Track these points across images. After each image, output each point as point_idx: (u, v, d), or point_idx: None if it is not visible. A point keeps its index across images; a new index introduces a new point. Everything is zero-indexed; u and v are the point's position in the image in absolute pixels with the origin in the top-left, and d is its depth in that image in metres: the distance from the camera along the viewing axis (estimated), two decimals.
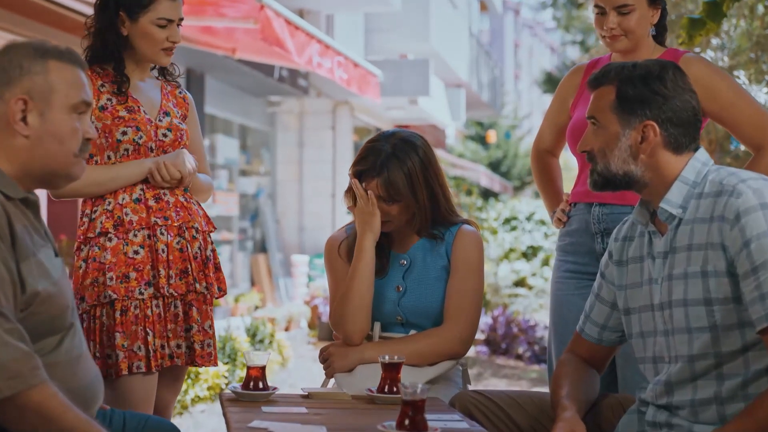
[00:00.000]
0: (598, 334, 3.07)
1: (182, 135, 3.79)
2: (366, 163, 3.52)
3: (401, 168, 3.49)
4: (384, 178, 3.47)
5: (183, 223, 3.71)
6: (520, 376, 10.31)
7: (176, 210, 3.71)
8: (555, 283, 3.90)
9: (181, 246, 3.70)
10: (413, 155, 3.52)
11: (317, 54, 9.85)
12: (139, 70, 3.78)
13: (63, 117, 2.57)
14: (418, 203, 3.50)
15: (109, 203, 3.65)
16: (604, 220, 3.73)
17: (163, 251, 3.65)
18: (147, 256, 3.64)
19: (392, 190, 3.47)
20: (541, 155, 4.14)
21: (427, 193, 3.52)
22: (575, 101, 3.90)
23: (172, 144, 3.75)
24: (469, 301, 3.51)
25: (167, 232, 3.68)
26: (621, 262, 2.97)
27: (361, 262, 3.48)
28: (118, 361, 3.55)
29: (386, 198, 3.48)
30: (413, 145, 3.55)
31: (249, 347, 8.63)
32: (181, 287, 3.68)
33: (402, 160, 3.50)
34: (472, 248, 3.55)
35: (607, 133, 2.82)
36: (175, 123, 3.78)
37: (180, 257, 3.69)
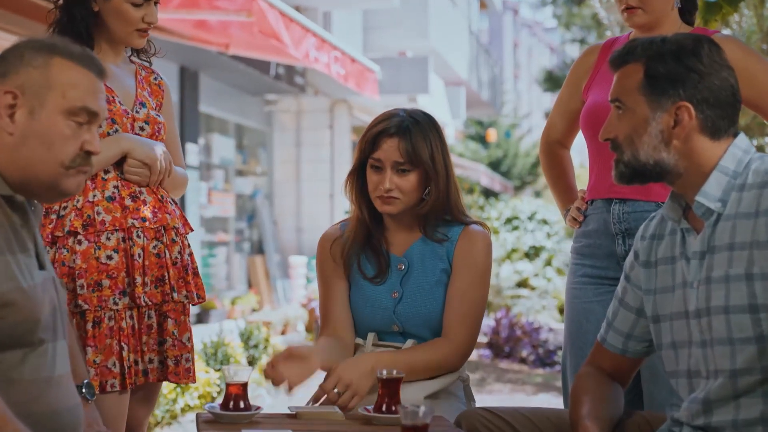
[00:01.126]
0: (623, 344, 2.73)
1: (160, 128, 3.45)
2: (385, 123, 3.17)
3: (423, 137, 3.15)
4: (406, 139, 3.13)
5: (162, 225, 3.36)
6: (524, 381, 9.99)
7: (154, 210, 3.36)
8: (571, 290, 3.55)
9: (158, 251, 3.35)
10: (434, 131, 3.20)
11: (313, 48, 9.53)
12: (112, 52, 3.43)
13: (55, 119, 2.30)
14: (437, 178, 3.16)
15: (78, 200, 3.29)
16: (626, 220, 3.38)
17: (140, 256, 3.30)
18: (122, 261, 3.29)
19: (413, 154, 3.12)
20: (551, 147, 3.77)
21: (445, 174, 3.19)
22: (589, 83, 3.56)
23: (149, 138, 3.40)
24: (470, 311, 3.17)
25: (144, 234, 3.33)
26: (649, 264, 2.63)
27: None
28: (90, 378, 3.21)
29: (405, 161, 3.12)
30: (434, 121, 3.23)
31: (243, 352, 8.30)
32: (157, 296, 3.33)
33: (424, 130, 3.17)
34: (479, 250, 3.20)
35: (634, 118, 2.49)
36: (153, 115, 3.43)
37: (156, 263, 3.35)
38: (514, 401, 8.70)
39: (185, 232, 3.47)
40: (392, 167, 3.14)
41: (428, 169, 3.15)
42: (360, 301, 3.26)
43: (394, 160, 3.14)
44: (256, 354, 8.60)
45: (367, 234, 3.26)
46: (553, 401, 8.75)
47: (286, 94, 16.17)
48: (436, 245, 3.22)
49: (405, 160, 3.13)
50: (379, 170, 3.17)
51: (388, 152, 3.14)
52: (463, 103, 23.81)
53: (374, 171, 3.19)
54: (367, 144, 3.19)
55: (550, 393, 9.23)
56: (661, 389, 3.22)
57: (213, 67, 13.15)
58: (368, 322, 3.24)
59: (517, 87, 53.63)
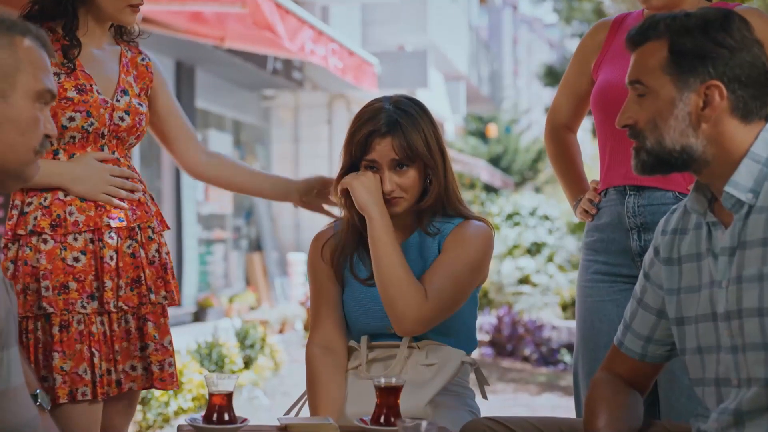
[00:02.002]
0: (642, 349, 2.50)
1: (141, 120, 3.18)
2: (374, 123, 2.93)
3: (416, 128, 2.92)
4: (399, 135, 2.90)
5: (138, 223, 3.13)
6: (527, 380, 9.77)
7: (132, 208, 3.13)
8: (583, 288, 3.31)
9: (132, 250, 3.11)
10: (424, 117, 2.97)
11: (310, 40, 9.29)
12: (98, 31, 3.17)
13: (26, 103, 2.14)
14: (436, 168, 2.93)
15: (46, 198, 3.03)
16: (641, 213, 3.15)
17: (111, 258, 3.05)
18: (89, 264, 3.04)
19: (409, 150, 2.90)
20: (556, 132, 3.50)
21: (442, 161, 2.97)
22: (599, 61, 3.31)
23: (128, 130, 3.15)
24: (443, 272, 2.89)
25: (117, 235, 3.09)
26: (671, 261, 2.40)
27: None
28: (56, 386, 2.95)
29: (401, 159, 2.90)
30: (421, 106, 3.01)
31: (239, 352, 8.07)
32: (133, 299, 3.09)
33: (414, 120, 2.94)
34: (470, 237, 2.94)
35: (658, 100, 2.26)
36: (135, 104, 3.17)
37: (132, 264, 3.11)
38: (518, 401, 8.48)
39: (161, 229, 3.24)
40: (389, 167, 2.92)
41: (426, 160, 2.93)
42: (353, 304, 3.03)
43: (390, 159, 2.92)
44: (252, 354, 8.37)
45: (359, 234, 3.03)
46: (557, 401, 8.54)
47: (283, 90, 16.08)
48: (429, 239, 2.99)
49: (402, 156, 2.91)
50: (375, 170, 2.95)
51: (383, 152, 2.92)
52: (463, 97, 23.63)
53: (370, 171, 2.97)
54: (358, 147, 2.96)
55: (555, 393, 9.01)
56: (679, 396, 3.00)
57: (209, 62, 13.05)
58: (362, 324, 3.02)
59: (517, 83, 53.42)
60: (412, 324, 2.85)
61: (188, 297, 12.90)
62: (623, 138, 3.06)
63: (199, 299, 13.00)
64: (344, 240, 3.04)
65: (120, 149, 3.17)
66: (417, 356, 2.94)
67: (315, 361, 2.99)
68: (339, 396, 2.93)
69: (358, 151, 2.95)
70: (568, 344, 11.04)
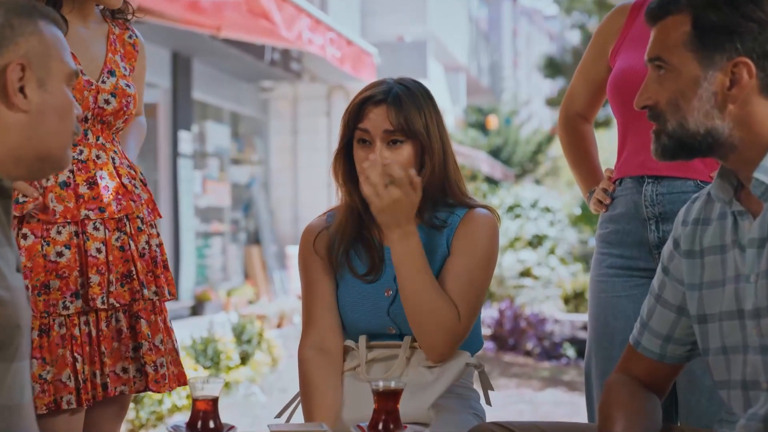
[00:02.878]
0: (660, 348, 2.32)
1: (128, 103, 3.00)
2: (372, 90, 2.76)
3: (416, 105, 2.74)
4: (397, 106, 2.72)
5: (125, 214, 2.93)
6: (530, 375, 9.60)
7: (117, 198, 2.92)
8: (596, 283, 3.12)
9: (122, 243, 2.92)
10: (428, 100, 2.79)
11: (307, 29, 9.12)
12: (82, 9, 2.99)
13: (61, 89, 2.09)
14: (432, 152, 2.74)
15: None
16: (660, 202, 2.97)
17: (99, 251, 2.86)
18: (74, 259, 2.84)
19: (405, 123, 2.71)
20: (571, 121, 3.32)
21: (441, 149, 2.78)
22: (617, 47, 3.13)
23: (114, 113, 2.96)
24: (469, 290, 2.71)
25: (103, 226, 2.89)
26: (692, 253, 2.22)
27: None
28: (34, 396, 2.75)
29: (396, 130, 2.70)
30: (427, 90, 2.83)
31: (235, 348, 7.90)
32: (125, 296, 2.90)
33: (416, 98, 2.75)
34: (481, 234, 2.76)
35: (680, 79, 2.08)
36: (122, 86, 2.99)
37: (121, 257, 2.91)
38: (521, 397, 8.32)
39: (152, 219, 3.05)
40: (382, 139, 2.73)
41: (423, 141, 2.73)
42: (349, 302, 2.83)
43: (383, 129, 2.72)
44: (249, 350, 8.18)
45: (358, 224, 2.84)
46: (561, 396, 8.38)
47: (282, 81, 15.94)
48: (435, 233, 2.79)
49: (396, 128, 2.72)
50: (367, 144, 2.75)
51: (377, 121, 2.73)
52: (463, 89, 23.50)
53: (361, 146, 2.76)
54: (352, 115, 2.77)
55: (558, 388, 8.84)
56: (699, 397, 2.83)
57: (206, 53, 12.90)
58: (360, 325, 2.81)
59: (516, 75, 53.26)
60: (447, 349, 2.70)
61: (186, 291, 12.76)
62: (641, 125, 2.88)
63: (197, 293, 12.85)
64: (341, 231, 2.84)
65: (106, 134, 2.98)
66: (419, 357, 2.75)
67: (309, 363, 2.79)
68: (335, 400, 2.74)
69: (352, 120, 2.77)
70: (570, 338, 10.88)
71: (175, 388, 3.05)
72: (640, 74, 2.80)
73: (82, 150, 2.92)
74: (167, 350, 3.02)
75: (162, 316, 3.04)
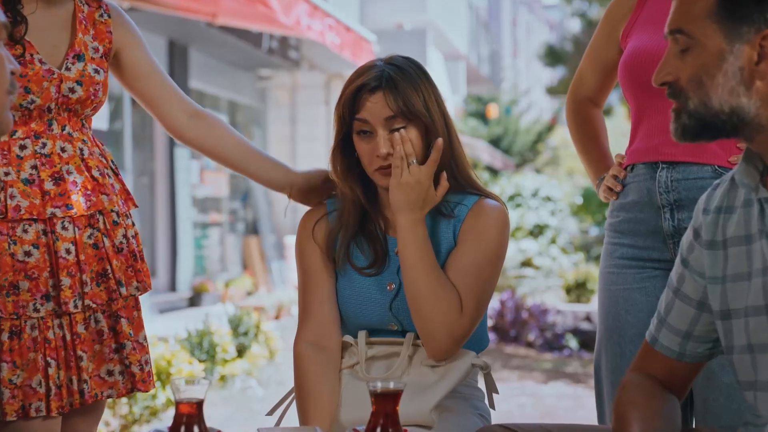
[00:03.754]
0: (680, 346, 2.16)
1: (97, 90, 2.74)
2: (363, 78, 2.57)
3: (412, 85, 2.56)
4: (392, 89, 2.53)
5: (97, 210, 2.72)
6: (532, 367, 9.44)
7: (86, 193, 2.70)
8: (606, 274, 2.95)
9: (95, 240, 2.71)
10: (422, 76, 2.61)
11: (305, 15, 8.95)
12: None
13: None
14: (436, 131, 2.56)
15: None
16: (675, 188, 2.79)
17: (68, 252, 2.65)
18: (43, 259, 2.63)
19: (404, 105, 2.53)
20: (580, 105, 3.14)
21: (444, 125, 2.60)
22: (628, 28, 2.96)
23: (81, 102, 2.71)
24: (475, 284, 2.55)
25: (72, 225, 2.68)
26: (715, 244, 2.06)
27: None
28: (3, 402, 2.57)
29: (397, 115, 2.53)
30: (419, 65, 2.64)
31: (231, 340, 7.74)
32: (102, 296, 2.70)
33: (411, 77, 2.57)
34: (490, 225, 2.58)
35: (704, 53, 1.91)
36: (89, 72, 2.72)
37: (95, 256, 2.70)
38: (524, 390, 8.17)
39: (126, 209, 2.84)
40: (384, 127, 2.55)
41: (426, 120, 2.56)
42: (349, 296, 2.66)
43: (384, 118, 2.54)
44: (246, 342, 8.03)
45: (361, 215, 2.67)
46: (564, 389, 8.23)
47: (280, 69, 15.81)
48: (441, 221, 2.62)
49: (396, 113, 2.54)
50: (369, 135, 2.58)
51: (375, 110, 2.55)
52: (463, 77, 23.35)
53: (363, 138, 2.59)
54: (346, 106, 2.59)
55: (561, 380, 8.68)
56: (717, 395, 2.66)
57: (203, 41, 12.79)
58: (360, 320, 2.64)
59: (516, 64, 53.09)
60: (449, 344, 2.53)
61: (183, 282, 12.65)
62: (655, 108, 2.72)
63: (195, 284, 12.71)
64: (344, 222, 2.66)
65: (73, 121, 2.75)
66: (421, 355, 2.58)
67: (304, 360, 2.62)
68: (331, 401, 2.58)
69: (347, 111, 2.59)
70: (573, 329, 10.72)
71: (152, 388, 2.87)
72: (654, 54, 2.62)
73: (45, 143, 2.69)
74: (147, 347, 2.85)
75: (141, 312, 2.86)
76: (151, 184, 12.67)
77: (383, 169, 2.55)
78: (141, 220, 11.82)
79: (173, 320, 10.35)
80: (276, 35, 13.40)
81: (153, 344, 6.76)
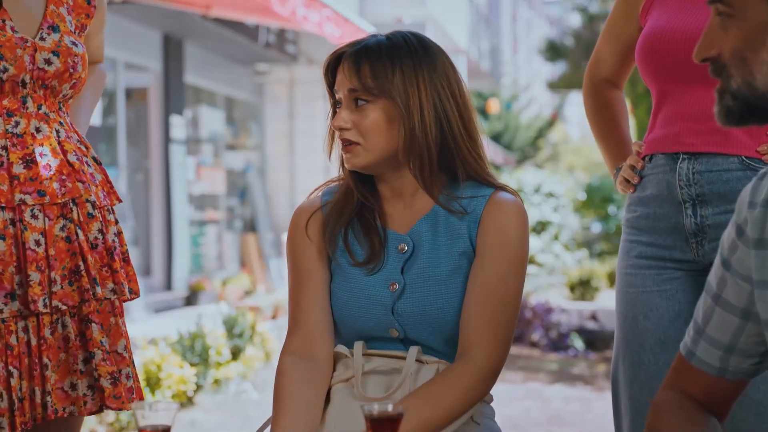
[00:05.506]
0: (721, 361, 1.87)
1: (76, 63, 2.53)
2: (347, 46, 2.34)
3: (391, 59, 2.28)
4: (363, 58, 2.29)
5: (71, 198, 2.46)
6: (537, 368, 9.17)
7: (60, 178, 2.45)
8: (624, 275, 2.67)
9: (68, 233, 2.45)
10: (414, 52, 2.31)
11: (302, 6, 8.65)
12: None
13: None
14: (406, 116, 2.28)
15: None
16: (697, 182, 2.52)
17: (38, 244, 2.39)
18: (9, 252, 2.39)
19: (371, 78, 2.28)
20: (597, 87, 2.86)
21: (436, 111, 2.30)
22: (648, 3, 2.69)
23: (58, 76, 2.49)
24: (500, 313, 2.27)
25: (42, 214, 2.42)
26: (763, 243, 1.77)
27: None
28: None
29: (359, 89, 2.28)
30: (426, 44, 2.35)
31: (226, 342, 7.46)
32: (74, 296, 2.44)
33: (397, 51, 2.30)
34: (514, 227, 2.30)
35: (747, 25, 1.64)
36: (66, 43, 2.52)
37: (67, 250, 2.44)
38: (528, 393, 7.90)
39: (109, 203, 2.59)
40: (347, 98, 2.31)
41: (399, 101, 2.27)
42: (345, 296, 2.35)
43: (347, 89, 2.30)
44: (241, 344, 7.74)
45: (357, 205, 2.39)
46: (570, 392, 7.98)
47: (277, 64, 15.63)
48: (453, 219, 2.33)
49: (357, 86, 2.28)
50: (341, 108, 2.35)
51: (342, 81, 2.31)
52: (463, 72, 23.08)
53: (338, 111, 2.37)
54: (327, 77, 2.37)
55: (567, 383, 8.42)
56: (747, 414, 2.40)
57: (199, 35, 12.60)
58: (357, 324, 2.34)
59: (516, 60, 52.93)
60: (485, 390, 2.28)
61: (179, 281, 12.42)
62: (679, 91, 2.50)
63: (191, 283, 12.47)
64: (337, 212, 2.39)
65: (50, 101, 2.52)
66: (426, 373, 2.28)
67: (284, 375, 2.32)
68: (309, 419, 2.29)
69: (328, 84, 2.36)
70: (578, 328, 10.47)
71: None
72: (677, 33, 2.39)
73: (19, 122, 2.46)
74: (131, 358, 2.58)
75: (123, 319, 2.58)
76: (146, 181, 12.44)
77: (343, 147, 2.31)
78: (136, 218, 11.60)
79: (167, 320, 10.10)
80: (273, 29, 13.18)
81: (143, 347, 6.50)
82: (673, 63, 2.53)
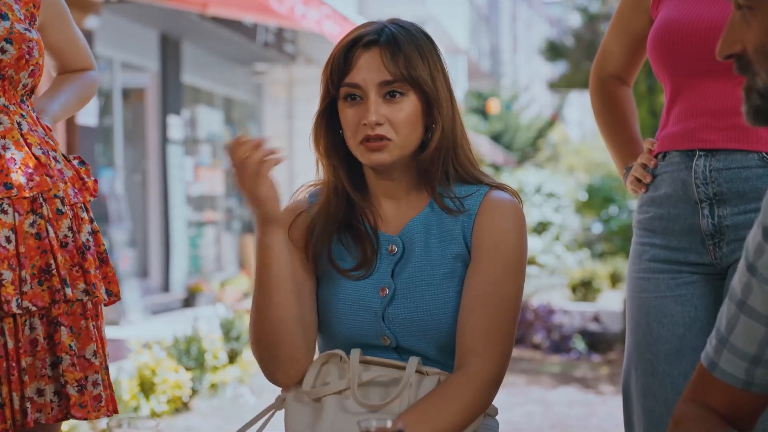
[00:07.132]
0: (746, 373, 1.74)
1: (32, 49, 2.41)
2: (360, 31, 2.17)
3: (417, 50, 2.15)
4: (394, 48, 2.14)
5: (40, 192, 2.34)
6: (539, 371, 9.05)
7: (27, 171, 2.33)
8: (635, 280, 2.54)
9: (38, 229, 2.32)
10: (432, 47, 2.20)
11: (300, 3, 8.53)
12: None
13: None
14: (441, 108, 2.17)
15: None
16: (714, 180, 2.39)
17: (8, 241, 2.26)
18: None
19: (406, 69, 2.13)
20: (605, 83, 2.74)
21: (450, 106, 2.19)
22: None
23: (14, 65, 2.37)
24: (500, 319, 2.13)
25: (12, 208, 2.30)
26: None
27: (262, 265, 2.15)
28: None
29: (395, 79, 2.14)
30: (430, 37, 2.23)
31: (222, 346, 7.33)
32: (44, 297, 2.31)
33: (418, 42, 2.17)
34: (511, 228, 2.17)
35: (767, 16, 1.52)
36: (18, 29, 2.40)
37: (37, 247, 2.32)
38: (531, 396, 7.77)
39: (82, 200, 2.45)
40: (378, 92, 2.14)
41: (429, 92, 2.15)
42: (333, 303, 2.22)
43: (379, 81, 2.13)
44: (238, 347, 7.60)
45: (345, 205, 2.25)
46: (574, 395, 7.85)
47: (276, 63, 15.58)
48: (446, 219, 2.19)
49: (395, 77, 2.13)
50: (358, 102, 2.16)
51: (369, 70, 2.14)
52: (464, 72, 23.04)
53: (350, 103, 2.17)
54: (336, 65, 2.17)
55: (571, 385, 8.29)
56: (766, 426, 2.26)
57: (196, 35, 12.54)
58: (346, 332, 2.20)
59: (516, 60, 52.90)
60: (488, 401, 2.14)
61: (177, 282, 12.33)
62: (694, 86, 2.37)
63: (189, 285, 12.35)
64: (324, 213, 2.25)
65: (9, 93, 2.39)
66: (427, 385, 2.14)
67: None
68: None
69: (336, 72, 2.17)
70: (581, 330, 10.35)
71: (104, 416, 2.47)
72: (692, 24, 2.26)
73: None
74: (102, 365, 2.44)
75: (97, 323, 2.44)
76: (144, 182, 12.34)
77: (369, 142, 2.14)
78: (133, 219, 11.48)
79: (164, 322, 9.97)
80: (271, 28, 13.07)
81: (137, 351, 6.37)
82: (688, 55, 2.41)
